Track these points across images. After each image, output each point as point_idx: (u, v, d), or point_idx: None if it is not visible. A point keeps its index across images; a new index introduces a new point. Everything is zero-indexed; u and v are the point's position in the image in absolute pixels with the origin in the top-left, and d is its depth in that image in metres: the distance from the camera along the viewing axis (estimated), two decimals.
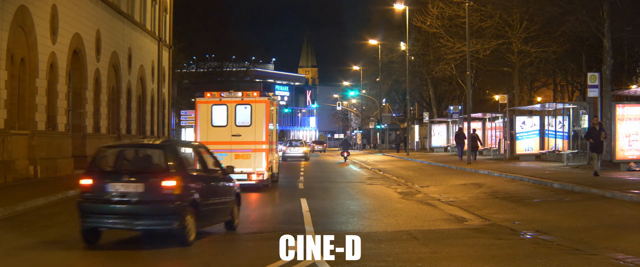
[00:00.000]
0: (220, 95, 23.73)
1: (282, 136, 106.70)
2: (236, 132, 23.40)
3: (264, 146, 23.48)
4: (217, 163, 14.38)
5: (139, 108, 44.88)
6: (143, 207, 11.96)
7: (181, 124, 55.07)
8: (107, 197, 12.15)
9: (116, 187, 12.12)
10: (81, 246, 12.42)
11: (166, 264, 11.45)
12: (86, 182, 12.35)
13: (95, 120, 34.55)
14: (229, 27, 79.70)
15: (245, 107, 23.51)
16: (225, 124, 23.52)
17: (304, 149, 52.46)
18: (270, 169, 24.16)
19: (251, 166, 23.17)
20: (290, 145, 53.60)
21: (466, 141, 40.76)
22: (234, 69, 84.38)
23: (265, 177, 23.27)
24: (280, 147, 45.83)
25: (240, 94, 23.73)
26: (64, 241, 13.47)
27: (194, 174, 13.14)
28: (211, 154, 14.48)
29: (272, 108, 24.41)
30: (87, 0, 33.49)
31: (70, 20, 30.66)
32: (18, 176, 25.40)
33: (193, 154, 13.96)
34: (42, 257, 11.99)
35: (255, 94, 23.66)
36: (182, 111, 56.20)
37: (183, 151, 13.55)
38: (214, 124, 23.56)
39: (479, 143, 40.97)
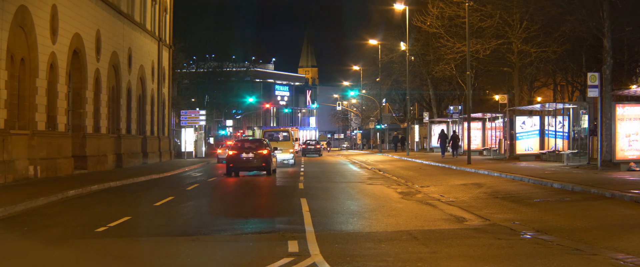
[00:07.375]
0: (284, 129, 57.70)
1: None
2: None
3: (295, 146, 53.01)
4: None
5: (139, 108, 44.88)
6: None
7: (181, 124, 54.91)
8: None
9: None
10: (81, 246, 12.40)
11: (176, 259, 11.45)
12: None
13: (95, 120, 34.55)
14: (229, 27, 79.84)
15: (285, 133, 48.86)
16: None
17: (317, 146, 75.11)
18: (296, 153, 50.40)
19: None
20: (309, 145, 75.12)
21: (448, 140, 47.80)
22: (234, 69, 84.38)
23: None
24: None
25: (287, 127, 64.41)
26: (64, 241, 13.46)
27: None
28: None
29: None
30: (87, 0, 33.51)
31: (70, 20, 30.66)
32: (18, 176, 25.40)
33: None
34: (42, 256, 11.99)
35: (294, 128, 75.33)
36: (182, 111, 56.01)
37: None
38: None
39: (459, 143, 46.17)
